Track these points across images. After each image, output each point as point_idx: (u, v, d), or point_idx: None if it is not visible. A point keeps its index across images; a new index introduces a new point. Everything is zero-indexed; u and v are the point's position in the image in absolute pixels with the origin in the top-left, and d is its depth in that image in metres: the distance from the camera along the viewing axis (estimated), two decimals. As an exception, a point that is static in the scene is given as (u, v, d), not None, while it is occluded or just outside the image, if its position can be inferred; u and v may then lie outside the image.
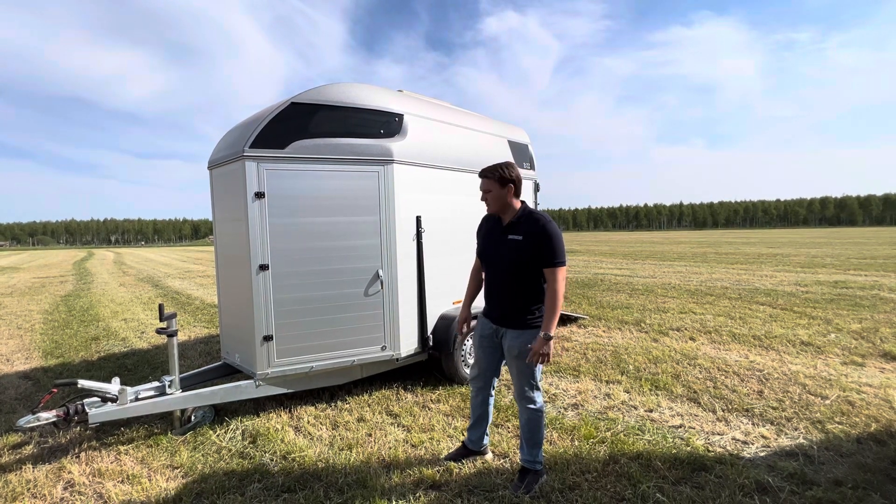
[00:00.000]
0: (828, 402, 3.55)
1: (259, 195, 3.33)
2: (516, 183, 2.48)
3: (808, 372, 4.23)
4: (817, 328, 5.83)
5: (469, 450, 2.81)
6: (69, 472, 2.82)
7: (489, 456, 2.85)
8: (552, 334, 2.29)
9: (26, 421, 2.81)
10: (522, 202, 2.54)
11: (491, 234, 2.60)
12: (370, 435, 3.19)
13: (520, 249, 2.39)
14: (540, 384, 2.52)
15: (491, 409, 2.81)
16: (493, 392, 2.78)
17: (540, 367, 2.48)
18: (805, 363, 4.50)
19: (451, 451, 2.88)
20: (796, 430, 3.12)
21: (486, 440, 2.85)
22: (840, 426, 3.14)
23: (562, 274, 2.33)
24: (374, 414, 3.53)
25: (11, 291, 12.53)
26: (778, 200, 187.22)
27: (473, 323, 2.95)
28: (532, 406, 2.50)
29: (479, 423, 2.78)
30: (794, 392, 3.76)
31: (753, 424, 3.22)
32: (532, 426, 2.52)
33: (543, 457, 2.60)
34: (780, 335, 5.51)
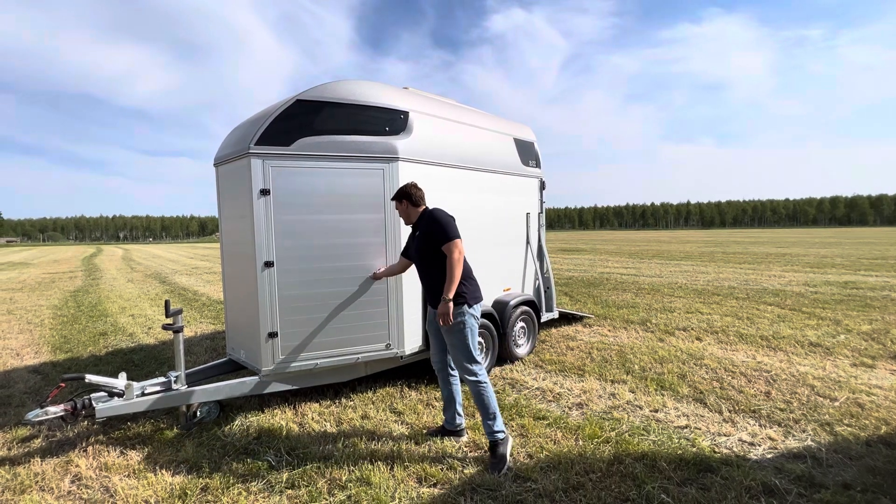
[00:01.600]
0: (837, 403, 3.51)
1: (264, 192, 3.34)
2: (408, 196, 3.01)
3: (816, 373, 4.18)
4: (826, 329, 5.76)
5: (445, 429, 3.10)
6: (76, 466, 2.85)
7: (464, 438, 3.07)
8: (449, 297, 2.72)
9: (35, 414, 2.84)
10: (424, 208, 3.04)
11: (410, 237, 3.22)
12: (374, 432, 3.19)
13: (422, 240, 2.92)
14: (478, 357, 2.83)
15: (455, 388, 3.09)
16: (451, 371, 3.09)
17: (473, 340, 2.82)
18: (814, 364, 4.45)
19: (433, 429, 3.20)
20: (804, 431, 3.08)
21: (460, 420, 3.09)
22: (849, 428, 3.10)
23: (455, 246, 2.75)
24: (378, 411, 3.54)
25: (22, 287, 12.69)
26: (787, 200, 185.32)
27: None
28: (472, 378, 2.80)
29: (448, 403, 3.09)
30: (803, 393, 3.71)
31: (760, 426, 3.18)
32: (478, 398, 2.79)
33: (503, 424, 2.85)
34: (788, 336, 5.45)
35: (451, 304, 2.74)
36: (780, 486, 2.45)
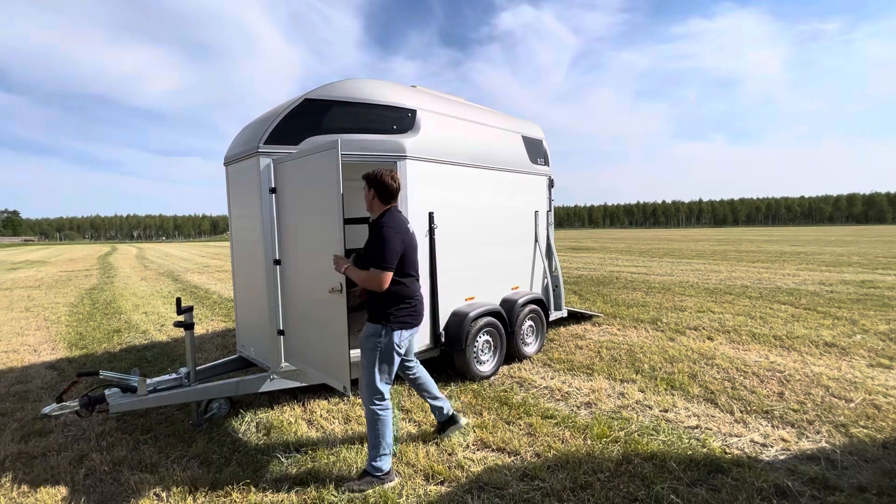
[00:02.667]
0: (852, 405, 3.44)
1: (273, 191, 3.36)
2: (378, 186, 2.62)
3: (831, 374, 4.10)
4: (842, 329, 5.64)
5: (441, 424, 3.09)
6: (90, 460, 2.91)
7: (463, 421, 3.13)
8: (343, 272, 2.58)
9: (51, 409, 2.90)
10: (388, 208, 2.67)
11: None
12: (382, 429, 3.20)
13: (365, 248, 2.65)
14: (381, 385, 2.58)
15: (422, 381, 2.98)
16: (409, 372, 2.96)
17: (382, 365, 2.58)
18: (829, 365, 4.36)
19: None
20: (818, 433, 3.03)
21: (447, 407, 3.05)
22: (865, 430, 3.03)
23: (379, 277, 2.48)
24: (385, 409, 3.55)
25: (39, 284, 12.97)
26: (802, 197, 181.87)
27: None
28: (369, 406, 2.58)
29: (427, 399, 3.03)
30: (817, 394, 3.64)
31: (773, 427, 3.13)
32: (371, 426, 2.57)
33: (391, 464, 2.59)
34: (802, 336, 5.35)
35: (343, 263, 2.58)
36: (793, 488, 2.41)
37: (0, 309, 8.89)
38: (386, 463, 2.56)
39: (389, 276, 2.51)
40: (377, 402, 2.58)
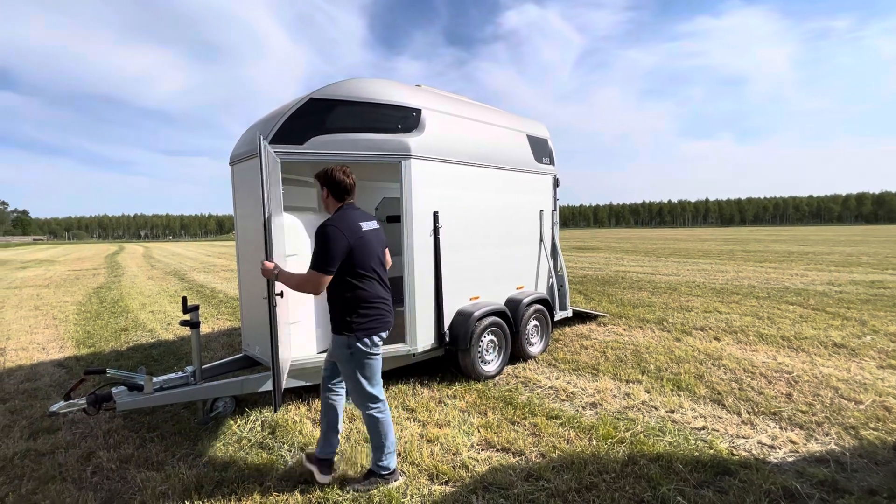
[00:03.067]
0: (862, 406, 3.39)
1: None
2: (330, 185, 2.48)
3: (840, 375, 4.05)
4: (851, 330, 5.58)
5: (316, 457, 2.61)
6: (98, 457, 2.93)
7: (326, 479, 2.55)
8: (272, 270, 2.45)
9: (59, 407, 2.93)
10: (342, 206, 2.51)
11: None
12: (386, 429, 3.20)
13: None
14: (371, 389, 2.46)
15: (336, 408, 2.65)
16: (338, 390, 2.66)
17: (364, 371, 2.44)
18: (838, 366, 4.31)
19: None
20: (827, 435, 2.99)
21: (334, 447, 2.63)
22: (875, 432, 2.99)
23: (315, 279, 2.31)
24: (390, 408, 3.54)
25: (48, 283, 13.11)
26: (811, 196, 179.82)
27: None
28: (365, 411, 2.49)
29: (325, 426, 2.65)
30: (826, 396, 3.60)
31: (781, 428, 3.10)
32: (370, 430, 2.51)
33: (396, 462, 2.54)
34: (810, 336, 5.29)
35: (270, 268, 2.46)
36: (802, 490, 2.38)
37: (10, 307, 8.99)
38: (392, 461, 2.54)
39: (327, 279, 2.33)
40: (372, 406, 2.49)
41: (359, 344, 2.40)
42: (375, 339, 2.45)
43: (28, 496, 2.55)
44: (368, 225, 2.51)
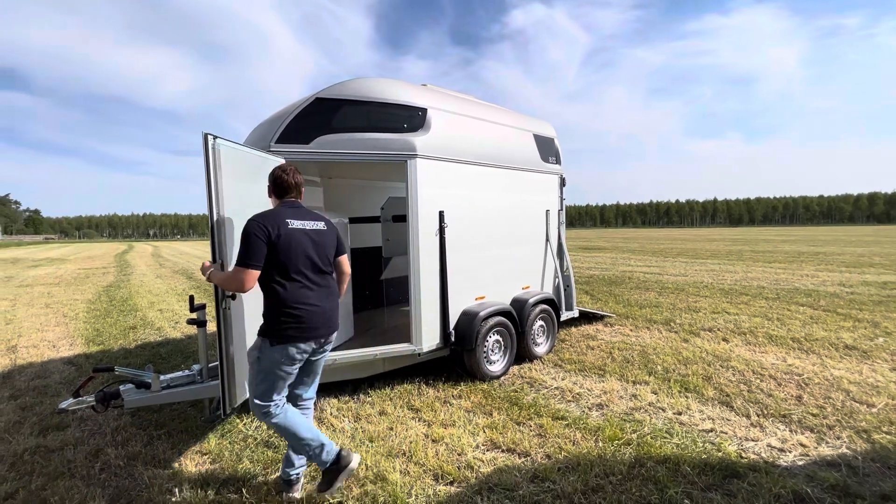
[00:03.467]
0: (874, 410, 3.34)
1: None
2: (272, 182, 2.44)
3: (852, 377, 3.99)
4: (863, 331, 5.49)
5: (284, 479, 2.45)
6: (106, 454, 2.96)
7: (297, 494, 2.43)
8: (207, 278, 2.39)
9: (68, 404, 2.95)
10: (283, 201, 2.42)
11: None
12: (391, 429, 3.20)
13: None
14: (267, 394, 2.25)
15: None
16: (305, 405, 2.54)
17: (263, 377, 2.25)
18: (849, 368, 4.25)
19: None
20: (839, 438, 2.94)
21: (299, 469, 2.46)
22: (888, 436, 2.94)
23: (240, 275, 2.16)
24: (395, 408, 3.55)
25: (59, 282, 13.28)
26: (821, 196, 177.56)
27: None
28: (260, 418, 2.30)
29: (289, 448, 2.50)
30: (837, 398, 3.55)
31: (791, 431, 3.06)
32: (280, 435, 2.36)
33: (334, 450, 2.36)
34: (821, 338, 5.22)
35: (206, 265, 2.45)
36: (813, 494, 2.34)
37: (21, 305, 9.12)
38: (327, 454, 2.32)
39: (252, 274, 2.16)
40: (266, 416, 2.25)
41: (272, 351, 2.22)
42: (291, 349, 2.23)
43: (37, 492, 2.57)
44: (304, 224, 2.33)
